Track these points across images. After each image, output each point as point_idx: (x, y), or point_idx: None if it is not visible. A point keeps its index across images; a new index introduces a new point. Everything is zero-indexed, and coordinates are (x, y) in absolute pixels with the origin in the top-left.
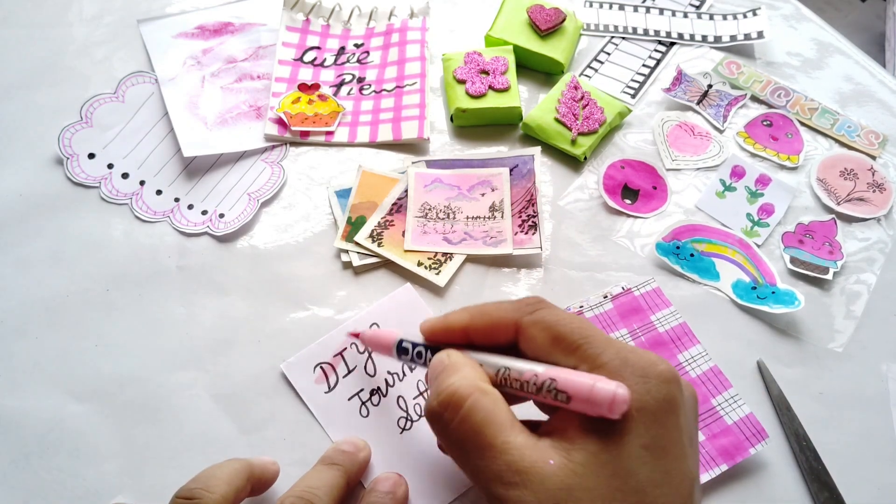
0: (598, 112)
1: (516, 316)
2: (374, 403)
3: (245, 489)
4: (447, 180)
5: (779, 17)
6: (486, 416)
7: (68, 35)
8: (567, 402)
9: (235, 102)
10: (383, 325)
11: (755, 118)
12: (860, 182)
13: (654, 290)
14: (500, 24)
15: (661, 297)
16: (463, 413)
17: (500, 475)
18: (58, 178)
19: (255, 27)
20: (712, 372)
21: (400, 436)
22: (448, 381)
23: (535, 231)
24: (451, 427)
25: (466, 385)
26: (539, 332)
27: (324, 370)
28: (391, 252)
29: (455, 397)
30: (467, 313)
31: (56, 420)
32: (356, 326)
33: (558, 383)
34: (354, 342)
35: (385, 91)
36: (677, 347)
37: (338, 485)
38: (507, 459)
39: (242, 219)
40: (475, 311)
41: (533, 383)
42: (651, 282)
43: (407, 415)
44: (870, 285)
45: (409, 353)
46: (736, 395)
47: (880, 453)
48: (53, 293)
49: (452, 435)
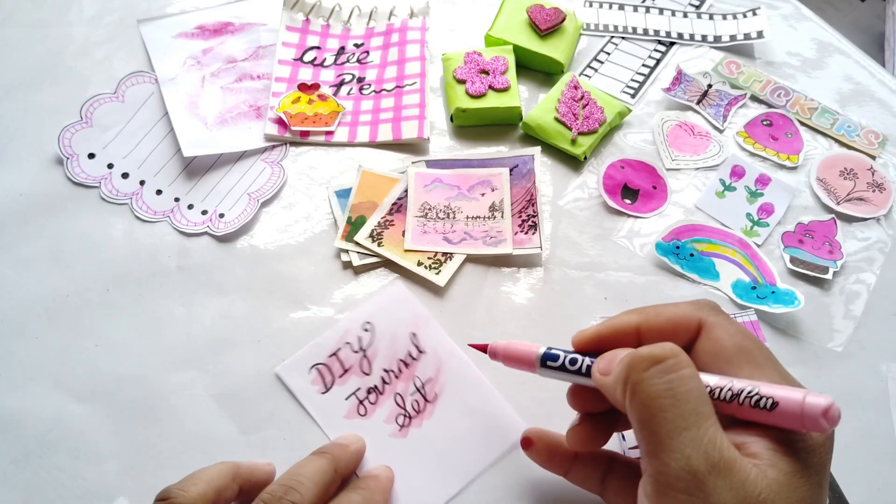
0: (598, 112)
1: (701, 315)
2: (372, 402)
3: (230, 489)
4: (447, 180)
5: (779, 17)
6: (702, 391)
7: (68, 35)
8: (772, 408)
9: (235, 102)
10: (377, 323)
11: (755, 118)
12: (860, 182)
13: (752, 322)
14: (500, 23)
15: (757, 331)
16: (685, 373)
17: (707, 454)
18: (58, 178)
19: (255, 27)
20: None
21: (399, 433)
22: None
23: (535, 231)
24: (662, 380)
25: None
26: (726, 335)
27: (319, 371)
28: (391, 252)
29: (679, 355)
30: (639, 314)
31: (56, 420)
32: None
33: (762, 389)
34: (349, 342)
35: (385, 91)
36: None
37: (323, 471)
38: (718, 441)
39: (242, 219)
40: (649, 310)
41: (728, 388)
42: (750, 313)
43: (405, 412)
44: (869, 285)
45: (559, 361)
46: None
47: (880, 453)
48: (53, 293)
49: (661, 388)
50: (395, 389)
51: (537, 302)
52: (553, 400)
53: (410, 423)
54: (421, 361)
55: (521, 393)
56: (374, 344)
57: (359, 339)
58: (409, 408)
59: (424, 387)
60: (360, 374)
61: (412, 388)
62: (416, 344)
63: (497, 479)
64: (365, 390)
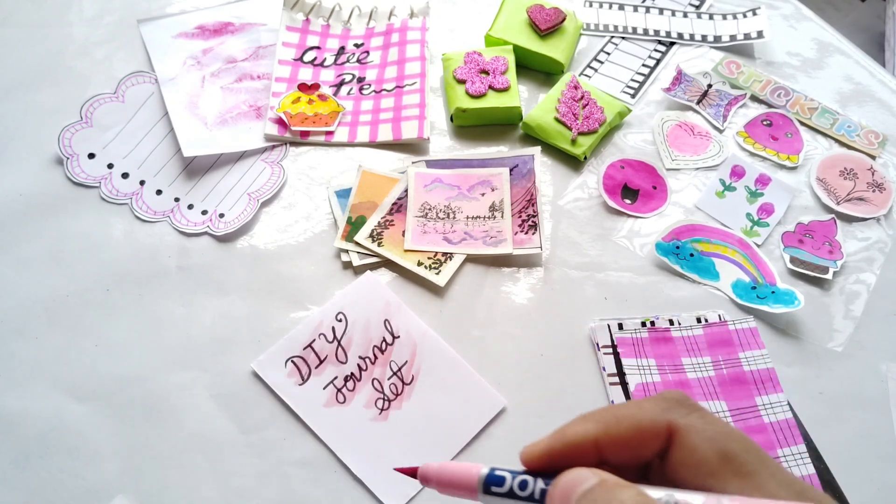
0: (598, 112)
1: (669, 417)
2: (350, 389)
3: None
4: (447, 180)
5: (779, 17)
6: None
7: (68, 35)
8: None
9: (235, 102)
10: (349, 313)
11: (755, 118)
12: (860, 182)
13: (750, 329)
14: (500, 23)
15: (756, 338)
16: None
17: None
18: (58, 178)
19: (255, 27)
20: (787, 423)
21: (379, 416)
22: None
23: (535, 231)
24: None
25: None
26: (705, 442)
27: (295, 364)
28: (391, 252)
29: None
30: (596, 422)
31: (56, 420)
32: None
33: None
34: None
35: (385, 91)
36: (758, 390)
37: None
38: None
39: (242, 219)
40: (608, 416)
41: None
42: (749, 320)
43: (384, 395)
44: (869, 285)
45: (505, 486)
46: (803, 452)
47: (880, 452)
48: (53, 293)
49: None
50: (371, 375)
51: (537, 302)
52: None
53: (390, 406)
54: (395, 346)
55: (507, 368)
56: (348, 333)
57: (332, 330)
58: (388, 391)
59: (401, 370)
60: (336, 364)
61: (389, 372)
62: (389, 330)
63: (479, 453)
64: (342, 378)
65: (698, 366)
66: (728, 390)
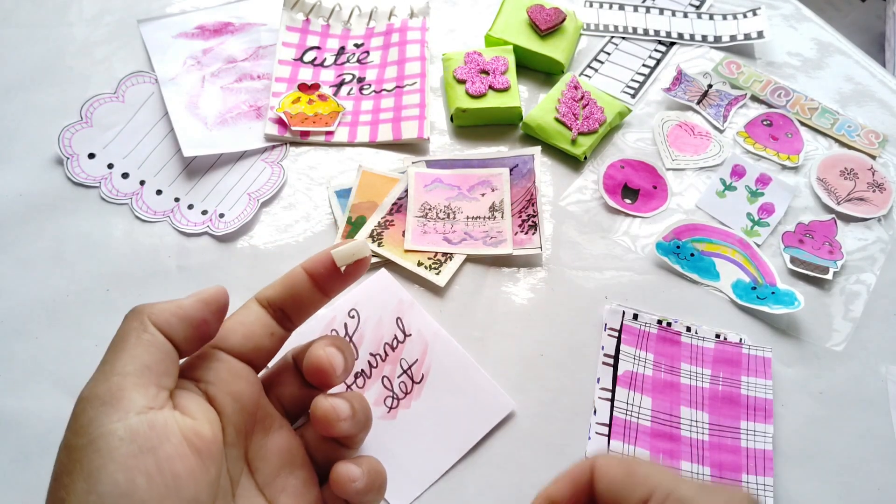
0: (598, 112)
1: (590, 460)
2: (360, 386)
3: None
4: (447, 180)
5: (779, 17)
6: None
7: (68, 35)
8: None
9: (235, 102)
10: (362, 309)
11: (755, 118)
12: (860, 182)
13: (764, 358)
14: (500, 23)
15: (766, 369)
16: None
17: None
18: (58, 178)
19: (255, 27)
20: (763, 454)
21: (388, 415)
22: None
23: (535, 231)
24: None
25: None
26: (616, 463)
27: None
28: (391, 252)
29: None
30: (542, 499)
31: (56, 420)
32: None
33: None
34: (335, 329)
35: (385, 91)
36: (747, 415)
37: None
38: None
39: (242, 219)
40: (550, 491)
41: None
42: (767, 350)
43: (393, 394)
44: (869, 285)
45: None
46: (771, 485)
47: (880, 453)
48: (53, 293)
49: None
50: (381, 373)
51: (537, 302)
52: (533, 380)
53: (399, 404)
54: (406, 344)
55: (507, 369)
56: (360, 329)
57: (345, 326)
58: (397, 390)
59: (411, 368)
60: None
61: (399, 370)
62: (401, 328)
63: (487, 455)
64: (352, 375)
65: (695, 374)
66: (716, 406)
